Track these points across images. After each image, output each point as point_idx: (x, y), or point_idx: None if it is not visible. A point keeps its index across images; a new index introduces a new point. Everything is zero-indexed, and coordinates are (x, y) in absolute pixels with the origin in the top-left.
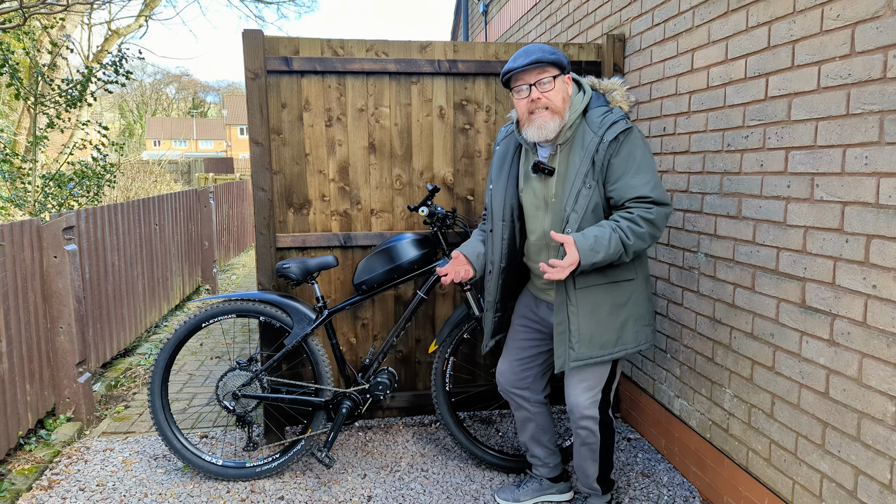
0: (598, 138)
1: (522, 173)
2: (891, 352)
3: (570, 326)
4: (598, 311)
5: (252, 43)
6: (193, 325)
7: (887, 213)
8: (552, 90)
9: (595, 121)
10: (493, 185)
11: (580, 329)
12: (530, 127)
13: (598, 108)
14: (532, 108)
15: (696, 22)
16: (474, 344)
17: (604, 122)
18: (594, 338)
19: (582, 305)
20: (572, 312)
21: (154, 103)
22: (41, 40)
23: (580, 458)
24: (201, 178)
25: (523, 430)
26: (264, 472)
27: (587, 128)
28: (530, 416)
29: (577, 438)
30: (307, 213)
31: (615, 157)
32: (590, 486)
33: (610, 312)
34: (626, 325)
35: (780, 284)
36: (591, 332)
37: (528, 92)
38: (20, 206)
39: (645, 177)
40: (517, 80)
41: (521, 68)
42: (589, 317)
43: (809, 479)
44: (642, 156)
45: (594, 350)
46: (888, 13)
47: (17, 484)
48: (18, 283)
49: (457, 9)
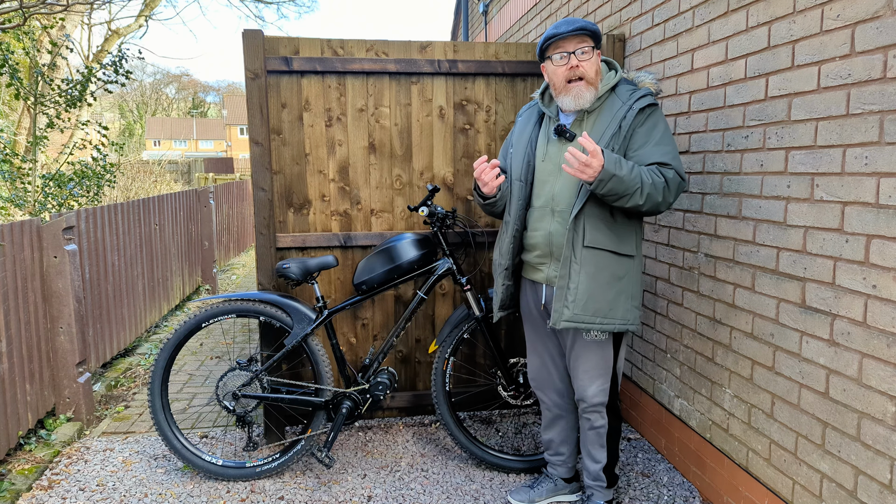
0: (627, 107)
1: (543, 138)
2: (891, 352)
3: (569, 283)
4: (598, 275)
5: (252, 43)
6: (193, 325)
7: (887, 213)
8: (588, 60)
9: (624, 94)
10: (513, 147)
11: (578, 288)
12: (566, 96)
13: (626, 85)
14: (570, 76)
15: (696, 22)
16: (474, 344)
17: (633, 95)
18: (588, 302)
19: (585, 265)
20: (574, 270)
21: (154, 103)
22: (41, 40)
23: (588, 444)
24: (201, 178)
25: (551, 428)
26: (264, 472)
27: (616, 98)
28: (561, 414)
29: (584, 423)
30: (307, 213)
31: (640, 127)
32: (596, 476)
33: (608, 281)
34: (619, 299)
35: (780, 284)
36: (587, 294)
37: (566, 59)
38: (20, 206)
39: (666, 147)
40: (556, 47)
41: (564, 35)
42: (589, 279)
43: (809, 479)
44: (665, 130)
45: (587, 315)
46: (888, 13)
47: (17, 484)
48: (18, 283)
49: (457, 9)
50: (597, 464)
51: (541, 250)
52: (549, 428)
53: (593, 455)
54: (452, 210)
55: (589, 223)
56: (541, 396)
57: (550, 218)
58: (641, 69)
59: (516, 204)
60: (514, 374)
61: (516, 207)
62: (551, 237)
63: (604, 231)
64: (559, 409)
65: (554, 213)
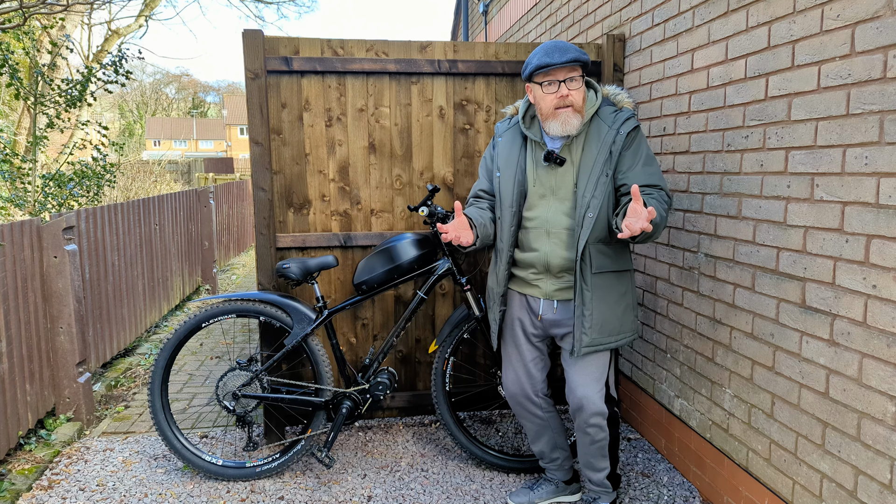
0: (615, 131)
1: (531, 163)
2: (891, 352)
3: (584, 311)
4: (607, 297)
5: (252, 43)
6: (193, 325)
7: (887, 213)
8: (577, 90)
9: (608, 117)
10: (500, 172)
11: (593, 315)
12: (554, 121)
13: (607, 106)
14: (559, 104)
15: (696, 22)
16: (474, 344)
17: (618, 118)
18: (604, 325)
19: (596, 290)
20: (587, 298)
21: (154, 103)
22: (41, 40)
23: (590, 456)
24: (201, 178)
25: (539, 439)
26: (264, 472)
27: (601, 122)
28: (544, 423)
29: (585, 438)
30: (307, 213)
31: (627, 150)
32: (600, 483)
33: (616, 301)
34: (626, 314)
35: (780, 284)
36: (602, 319)
37: (555, 87)
38: (20, 206)
39: (653, 168)
40: (548, 74)
41: (559, 65)
42: (601, 302)
43: (809, 479)
44: (648, 150)
45: (603, 336)
46: (888, 13)
47: (17, 484)
48: (18, 283)
49: (457, 9)
50: (600, 472)
51: (537, 268)
52: (536, 440)
53: (595, 465)
54: (452, 210)
55: (594, 250)
56: (520, 412)
57: (546, 238)
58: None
59: (508, 231)
60: None
61: (508, 234)
62: (548, 257)
63: (607, 254)
64: (540, 419)
65: (549, 235)
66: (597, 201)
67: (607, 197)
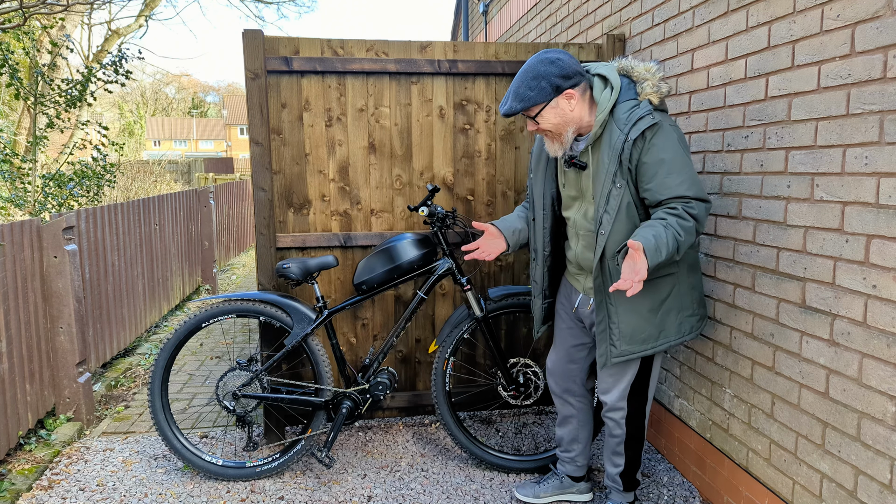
0: (624, 136)
1: (560, 164)
2: (891, 352)
3: (609, 324)
4: (638, 307)
5: (252, 43)
6: (193, 325)
7: (887, 213)
8: (543, 120)
9: (622, 117)
10: (533, 174)
11: (620, 326)
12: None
13: (626, 101)
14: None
15: (696, 22)
16: (474, 344)
17: (630, 119)
18: (635, 334)
19: (621, 304)
20: (612, 311)
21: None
22: (41, 40)
23: (608, 448)
24: (201, 178)
25: (563, 424)
26: (264, 472)
27: (614, 125)
28: (573, 412)
29: (606, 428)
30: (307, 213)
31: (645, 156)
32: (612, 478)
33: (651, 309)
34: (667, 318)
35: (780, 284)
36: (631, 328)
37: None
38: (20, 206)
39: (680, 176)
40: None
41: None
42: (629, 314)
43: (809, 479)
44: (674, 153)
45: (635, 346)
46: (888, 13)
47: (17, 484)
48: (18, 283)
49: (457, 9)
50: (616, 468)
51: (573, 265)
52: (561, 424)
53: (612, 459)
54: (452, 210)
55: (612, 264)
56: (554, 391)
57: (576, 239)
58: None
59: (541, 232)
60: (515, 375)
61: (541, 235)
62: (578, 257)
63: None
64: (571, 406)
65: (579, 236)
66: (609, 217)
67: (623, 210)
